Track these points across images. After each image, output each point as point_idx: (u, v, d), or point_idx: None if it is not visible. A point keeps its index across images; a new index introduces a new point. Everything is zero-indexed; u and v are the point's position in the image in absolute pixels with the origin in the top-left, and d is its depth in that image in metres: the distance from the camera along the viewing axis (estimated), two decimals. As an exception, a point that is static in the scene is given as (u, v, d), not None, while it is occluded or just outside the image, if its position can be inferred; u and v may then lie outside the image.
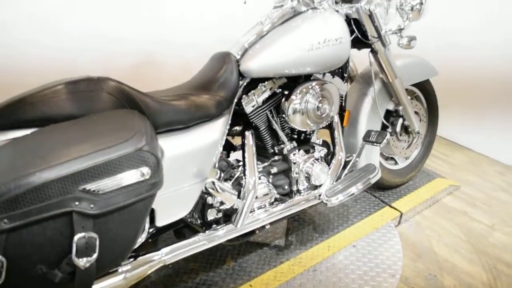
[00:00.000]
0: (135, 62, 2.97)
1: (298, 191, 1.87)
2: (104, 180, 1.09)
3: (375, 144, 1.91)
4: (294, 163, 1.84)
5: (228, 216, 1.68)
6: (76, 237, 1.08)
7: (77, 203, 1.06)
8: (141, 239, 1.44)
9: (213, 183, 1.53)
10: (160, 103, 1.41)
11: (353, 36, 1.94)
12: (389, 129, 2.24)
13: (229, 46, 1.75)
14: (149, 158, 1.17)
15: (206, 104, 1.53)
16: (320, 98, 1.78)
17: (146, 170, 1.15)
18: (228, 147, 1.83)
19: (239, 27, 1.85)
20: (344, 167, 1.98)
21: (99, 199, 1.09)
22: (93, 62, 2.70)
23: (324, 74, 1.90)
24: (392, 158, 2.47)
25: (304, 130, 1.86)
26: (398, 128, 2.25)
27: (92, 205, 1.08)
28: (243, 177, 1.68)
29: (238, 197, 1.65)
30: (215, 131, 1.56)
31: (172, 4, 2.94)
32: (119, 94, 1.33)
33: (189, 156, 1.49)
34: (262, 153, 1.88)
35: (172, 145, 1.45)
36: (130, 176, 1.13)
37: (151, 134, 1.23)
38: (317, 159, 1.88)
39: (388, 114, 2.26)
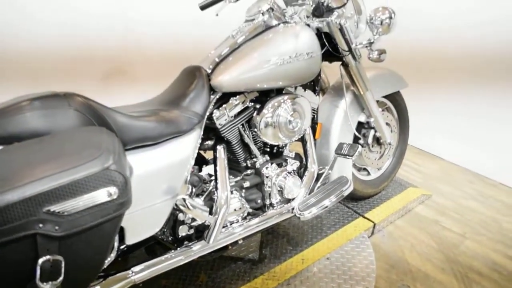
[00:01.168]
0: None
1: (271, 204, 1.87)
2: (69, 201, 1.06)
3: (346, 157, 1.93)
4: (267, 177, 1.83)
5: (200, 232, 1.67)
6: (40, 261, 1.05)
7: (41, 225, 1.03)
8: (110, 258, 1.41)
9: (184, 200, 1.51)
10: (129, 119, 1.39)
11: (324, 50, 1.96)
12: (361, 141, 2.26)
13: (200, 59, 1.75)
14: (117, 177, 1.15)
15: (176, 120, 1.51)
16: (292, 112, 1.79)
17: (113, 189, 1.12)
18: (201, 162, 1.82)
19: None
20: (317, 179, 1.99)
21: (64, 220, 1.06)
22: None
23: (295, 87, 1.91)
24: (364, 169, 2.50)
25: (276, 144, 1.86)
26: (370, 140, 2.27)
27: (57, 227, 1.05)
28: (215, 192, 1.67)
29: (210, 212, 1.64)
30: (185, 147, 1.55)
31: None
32: (86, 110, 1.30)
33: (159, 172, 1.47)
34: (234, 167, 1.87)
35: (141, 162, 1.42)
36: (96, 197, 1.10)
37: (119, 152, 1.21)
38: (289, 173, 1.88)
39: (360, 125, 2.28)
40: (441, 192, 2.74)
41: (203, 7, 2.08)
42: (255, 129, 1.75)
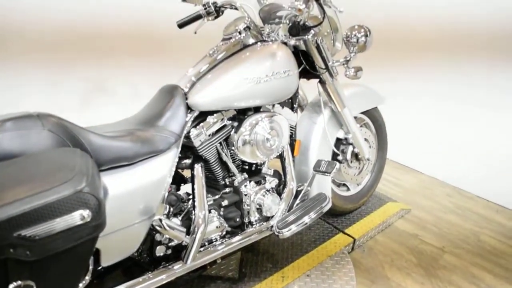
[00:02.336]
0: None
1: (250, 223, 1.86)
2: (41, 225, 1.05)
3: (325, 174, 1.94)
4: (245, 195, 1.83)
5: (178, 252, 1.65)
6: (11, 286, 1.03)
7: (12, 250, 1.01)
8: (85, 281, 1.38)
9: (160, 220, 1.50)
10: (104, 140, 1.38)
11: (302, 67, 1.98)
12: (340, 157, 2.28)
13: (177, 78, 1.75)
14: (90, 200, 1.13)
15: (152, 139, 1.51)
16: (269, 130, 1.80)
17: (86, 212, 1.11)
18: (179, 180, 1.81)
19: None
20: (296, 196, 1.99)
21: (36, 245, 1.04)
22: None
23: (273, 105, 1.92)
24: (344, 185, 2.51)
25: (255, 161, 1.86)
26: (348, 156, 2.29)
27: (28, 252, 1.03)
28: (193, 211, 1.66)
29: (188, 232, 1.63)
30: (162, 167, 1.54)
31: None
32: (61, 131, 1.29)
33: (135, 193, 1.46)
34: (213, 185, 1.86)
35: (116, 183, 1.41)
36: (69, 220, 1.08)
37: (93, 174, 1.20)
38: (268, 190, 1.88)
39: (339, 142, 2.30)
40: (420, 206, 2.77)
41: (180, 25, 2.09)
42: (233, 148, 1.75)
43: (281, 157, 2.00)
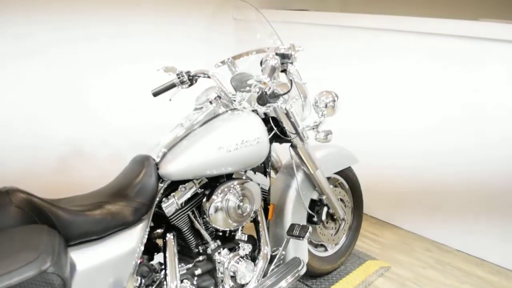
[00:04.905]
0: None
1: (225, 291, 1.85)
2: (4, 308, 1.04)
3: (298, 238, 1.95)
4: (219, 263, 1.82)
5: (150, 326, 1.62)
6: None
7: None
8: None
9: None
10: (72, 215, 1.39)
11: (273, 132, 2.04)
12: (315, 218, 2.30)
13: (148, 148, 1.79)
14: (54, 280, 1.13)
15: (122, 212, 1.52)
16: (241, 197, 1.82)
17: (50, 294, 1.10)
18: (152, 249, 1.80)
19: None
20: (271, 261, 1.99)
21: None
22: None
23: (245, 171, 1.95)
24: (322, 245, 2.51)
25: (227, 229, 1.87)
26: (323, 217, 2.31)
27: None
28: (165, 282, 1.64)
29: None
30: (132, 239, 1.54)
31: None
32: (29, 207, 1.30)
33: (105, 267, 1.45)
34: (187, 254, 1.85)
35: (85, 258, 1.41)
36: (33, 303, 1.08)
37: (59, 252, 1.20)
38: (242, 257, 1.88)
39: (313, 203, 2.32)
40: (399, 263, 2.77)
41: (155, 94, 2.15)
42: (205, 216, 1.76)
43: (255, 221, 2.01)
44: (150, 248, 1.78)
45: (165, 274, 1.66)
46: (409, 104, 2.94)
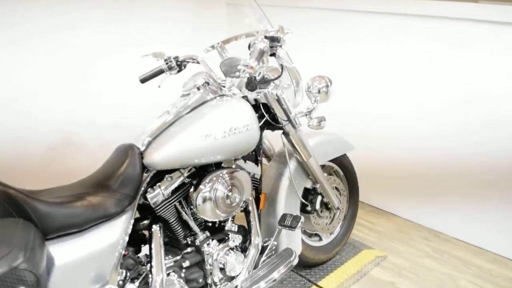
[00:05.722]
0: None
1: (214, 283, 1.79)
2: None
3: (290, 228, 1.89)
4: (208, 254, 1.76)
5: (135, 320, 1.57)
6: None
7: None
8: None
9: None
10: (50, 207, 1.33)
11: (264, 119, 1.97)
12: (309, 207, 2.24)
13: (134, 137, 1.72)
14: (27, 276, 1.07)
15: (104, 204, 1.45)
16: (230, 187, 1.75)
17: (22, 291, 1.05)
18: (140, 241, 1.74)
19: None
20: (262, 252, 1.93)
21: None
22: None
23: (235, 159, 1.88)
24: (316, 234, 2.45)
25: (215, 220, 1.80)
26: (317, 206, 2.25)
27: None
28: (150, 275, 1.59)
29: None
30: (115, 231, 1.48)
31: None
32: (5, 199, 1.24)
33: (85, 261, 1.39)
34: (174, 245, 1.80)
35: (65, 251, 1.36)
36: (2, 301, 1.02)
37: (33, 247, 1.14)
38: (232, 249, 1.82)
39: (307, 192, 2.26)
40: (396, 252, 2.71)
41: (143, 80, 2.08)
42: (192, 206, 1.70)
43: (246, 211, 1.95)
44: (137, 240, 1.72)
45: (151, 267, 1.60)
46: (406, 88, 2.86)
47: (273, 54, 1.81)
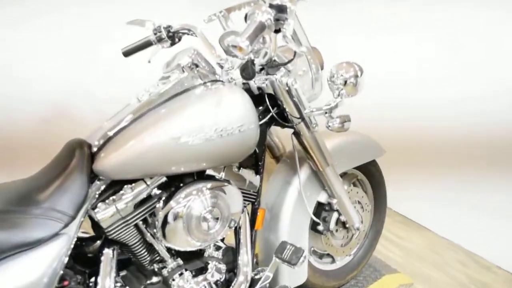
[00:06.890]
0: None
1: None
2: None
3: (288, 264, 1.45)
4: None
5: None
6: None
7: None
8: None
9: None
10: None
11: (270, 115, 1.52)
12: (320, 227, 1.79)
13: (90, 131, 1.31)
14: None
15: (29, 226, 1.06)
16: (210, 207, 1.32)
17: None
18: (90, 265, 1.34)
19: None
20: (253, 285, 1.50)
21: None
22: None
23: (224, 167, 1.44)
24: (329, 254, 2.00)
25: (184, 249, 1.37)
26: (331, 226, 1.80)
27: None
28: None
29: None
30: (42, 263, 1.09)
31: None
32: None
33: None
34: (140, 269, 1.39)
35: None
36: None
37: None
38: (210, 284, 1.39)
39: (320, 207, 1.80)
40: (425, 278, 2.24)
41: (126, 53, 1.65)
42: (155, 229, 1.28)
43: (236, 232, 1.52)
44: (88, 264, 1.32)
45: (97, 304, 1.21)
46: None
47: (278, 30, 1.31)
